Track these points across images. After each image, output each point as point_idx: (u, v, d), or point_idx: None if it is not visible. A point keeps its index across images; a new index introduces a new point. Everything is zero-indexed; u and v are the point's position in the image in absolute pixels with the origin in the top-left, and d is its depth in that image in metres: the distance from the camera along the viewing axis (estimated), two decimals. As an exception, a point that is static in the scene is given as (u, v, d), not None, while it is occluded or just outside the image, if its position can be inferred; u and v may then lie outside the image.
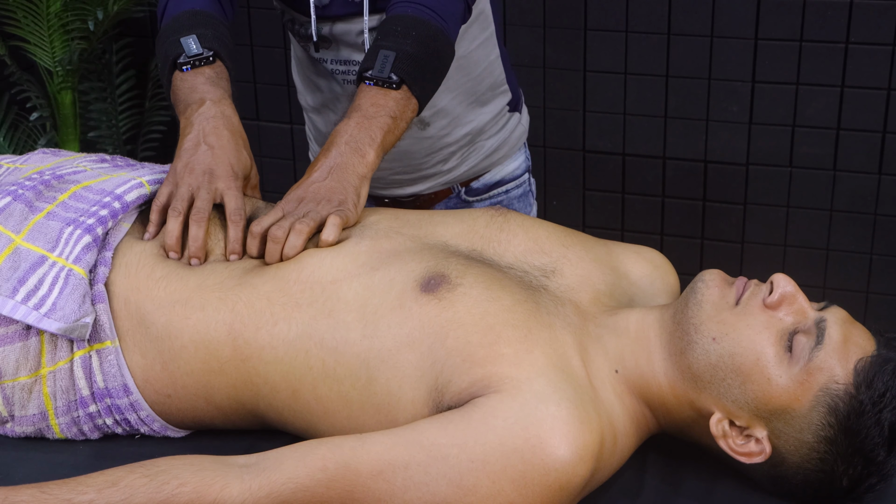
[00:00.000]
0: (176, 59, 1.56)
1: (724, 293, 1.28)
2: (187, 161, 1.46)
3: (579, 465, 1.18)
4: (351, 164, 1.46)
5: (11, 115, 3.27)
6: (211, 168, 1.45)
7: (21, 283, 1.35)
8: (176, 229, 1.41)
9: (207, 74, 1.56)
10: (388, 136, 1.49)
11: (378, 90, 1.51)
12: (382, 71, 1.50)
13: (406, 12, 1.57)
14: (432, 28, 1.56)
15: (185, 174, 1.45)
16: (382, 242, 1.40)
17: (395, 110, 1.50)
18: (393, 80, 1.50)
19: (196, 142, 1.48)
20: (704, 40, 2.84)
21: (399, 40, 1.53)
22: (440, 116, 1.85)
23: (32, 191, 1.45)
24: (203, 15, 1.62)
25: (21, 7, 2.97)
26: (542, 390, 1.20)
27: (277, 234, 1.39)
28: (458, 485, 1.18)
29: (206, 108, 1.51)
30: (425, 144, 1.86)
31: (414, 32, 1.54)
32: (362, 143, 1.46)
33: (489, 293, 1.29)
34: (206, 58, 1.56)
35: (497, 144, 1.93)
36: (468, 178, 1.94)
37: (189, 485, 1.19)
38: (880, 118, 2.77)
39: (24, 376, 1.36)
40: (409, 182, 1.92)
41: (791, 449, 1.24)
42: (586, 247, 1.44)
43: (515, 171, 1.97)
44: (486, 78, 1.88)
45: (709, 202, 2.99)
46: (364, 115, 1.49)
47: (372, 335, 1.29)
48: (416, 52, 1.53)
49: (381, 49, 1.52)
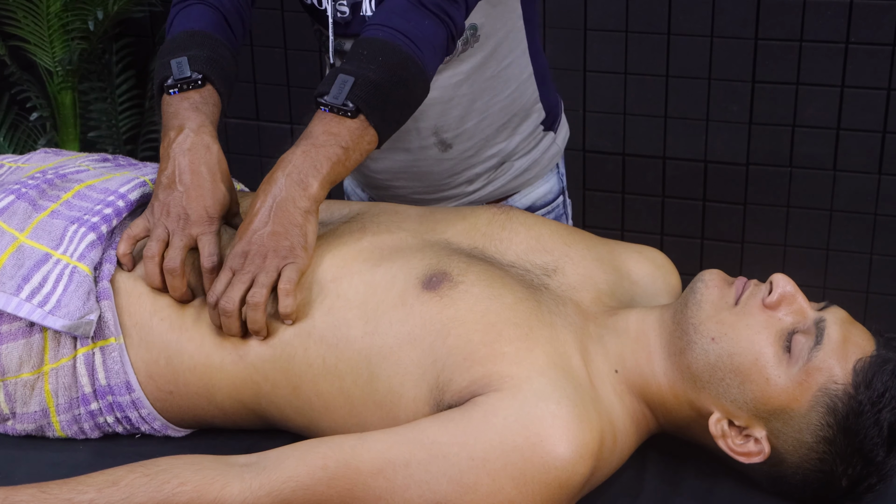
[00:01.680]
0: (163, 81, 1.47)
1: (724, 293, 1.28)
2: (164, 201, 1.40)
3: (579, 464, 1.18)
4: (292, 199, 1.35)
5: (11, 115, 3.27)
6: (186, 212, 1.38)
7: (25, 281, 1.35)
8: (156, 273, 1.37)
9: (192, 100, 1.46)
10: (336, 167, 1.37)
11: (332, 117, 1.38)
12: (338, 97, 1.38)
13: (376, 35, 1.44)
14: (401, 55, 1.42)
15: (162, 216, 1.39)
16: (384, 238, 1.40)
17: (347, 141, 1.38)
18: (348, 108, 1.38)
19: (171, 179, 1.40)
20: (704, 40, 2.84)
21: (362, 65, 1.40)
22: (464, 139, 1.75)
23: (36, 189, 1.45)
24: (200, 36, 1.53)
25: (21, 7, 2.97)
26: (543, 389, 1.20)
27: (227, 308, 1.31)
28: (458, 483, 1.18)
29: (183, 137, 1.42)
30: (447, 166, 1.78)
31: (381, 58, 1.41)
32: (305, 175, 1.35)
33: (491, 291, 1.29)
34: (193, 81, 1.46)
35: (527, 165, 1.83)
36: (495, 199, 1.83)
37: (189, 484, 1.19)
38: (880, 118, 2.77)
39: (27, 373, 1.37)
40: (431, 202, 1.82)
41: (790, 449, 1.24)
42: (588, 246, 1.44)
43: (547, 196, 1.87)
44: (517, 99, 1.78)
45: (709, 202, 2.99)
46: (313, 143, 1.37)
47: (373, 332, 1.29)
48: (379, 79, 1.40)
49: (340, 73, 1.39)
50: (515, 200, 1.84)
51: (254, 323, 1.31)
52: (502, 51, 1.72)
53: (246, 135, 3.42)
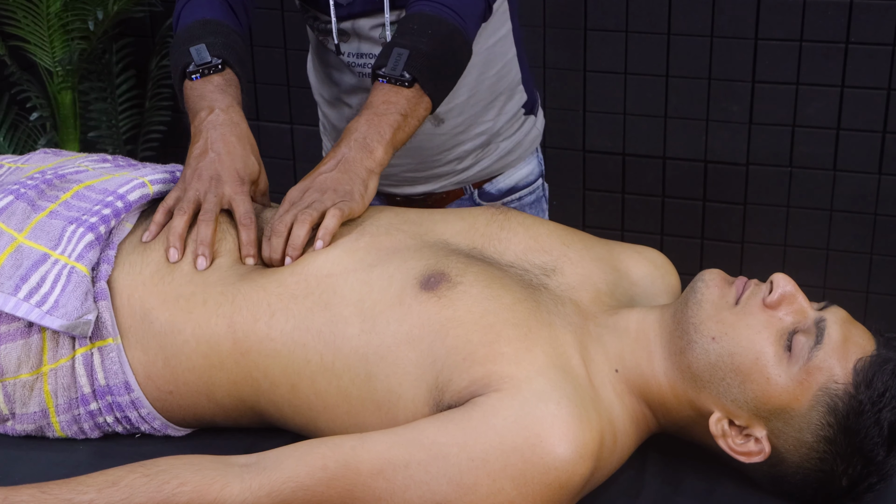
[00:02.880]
0: (185, 67, 1.56)
1: (724, 293, 1.28)
2: (195, 167, 1.47)
3: (579, 464, 1.18)
4: (359, 159, 1.46)
5: (11, 115, 3.27)
6: (218, 174, 1.46)
7: (23, 281, 1.35)
8: (180, 226, 1.41)
9: (216, 82, 1.55)
10: (397, 133, 1.50)
11: (390, 88, 1.52)
12: (395, 69, 1.51)
13: (423, 10, 1.57)
14: (449, 27, 1.57)
15: (193, 180, 1.46)
16: (382, 239, 1.40)
17: (405, 108, 1.51)
18: (405, 78, 1.51)
19: (203, 149, 1.48)
20: (704, 40, 2.85)
21: (414, 38, 1.54)
22: (455, 114, 1.84)
23: (35, 190, 1.45)
24: (213, 24, 1.62)
25: (21, 7, 2.97)
26: (542, 389, 1.20)
27: (279, 228, 1.39)
28: (458, 483, 1.18)
29: (214, 115, 1.51)
30: (439, 141, 1.86)
31: (430, 31, 1.55)
32: (371, 140, 1.48)
33: (489, 291, 1.29)
34: (214, 65, 1.56)
35: (511, 146, 1.93)
36: (481, 180, 1.93)
37: (189, 484, 1.19)
38: (880, 118, 2.77)
39: (26, 374, 1.36)
40: (421, 180, 1.91)
41: (790, 448, 1.24)
42: (587, 246, 1.44)
43: (528, 177, 1.97)
44: (503, 77, 1.87)
45: (709, 202, 2.99)
46: (375, 112, 1.50)
47: (370, 330, 1.29)
48: (431, 51, 1.54)
49: (395, 47, 1.53)
50: (500, 181, 1.94)
51: (295, 238, 1.38)
52: (490, 28, 1.80)
53: (251, 137, 3.42)
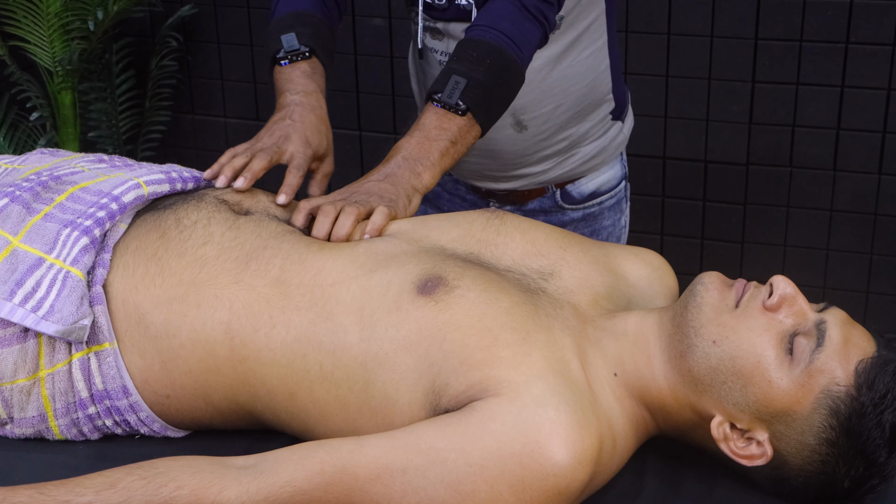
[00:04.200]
0: (275, 53, 1.68)
1: (724, 295, 1.27)
2: (269, 128, 1.60)
3: (578, 470, 1.17)
4: (406, 177, 1.52)
5: (11, 115, 3.27)
6: (288, 134, 1.57)
7: (19, 286, 1.34)
8: (238, 162, 1.52)
9: (303, 69, 1.66)
10: (444, 158, 1.55)
11: (444, 113, 1.56)
12: (451, 97, 1.56)
13: (484, 38, 1.60)
14: (507, 58, 1.60)
15: (265, 136, 1.58)
16: (379, 245, 1.40)
17: (456, 135, 1.56)
18: (460, 107, 1.55)
19: (281, 116, 1.61)
20: (704, 40, 2.84)
21: (472, 67, 1.57)
22: (539, 122, 1.85)
23: (30, 192, 1.45)
24: (305, 15, 1.73)
25: (21, 7, 2.97)
26: (541, 394, 1.20)
27: (328, 209, 1.45)
28: (455, 489, 1.17)
29: (299, 96, 1.62)
30: (521, 146, 1.87)
31: (488, 60, 1.58)
32: (419, 163, 1.53)
33: (487, 295, 1.29)
34: (302, 53, 1.67)
35: (595, 151, 1.93)
36: (563, 181, 1.94)
37: (187, 487, 1.19)
38: (880, 118, 2.77)
39: (23, 378, 1.36)
40: (502, 179, 1.94)
41: (792, 451, 1.24)
42: (584, 249, 1.43)
43: (610, 181, 1.97)
44: (593, 88, 1.88)
45: (709, 202, 2.99)
46: (426, 135, 1.55)
47: (369, 338, 1.28)
48: (487, 82, 1.57)
49: (453, 74, 1.57)
50: (581, 184, 1.95)
51: (342, 227, 1.42)
52: (584, 41, 1.82)
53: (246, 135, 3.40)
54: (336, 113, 3.34)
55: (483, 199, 1.99)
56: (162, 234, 1.41)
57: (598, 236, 1.99)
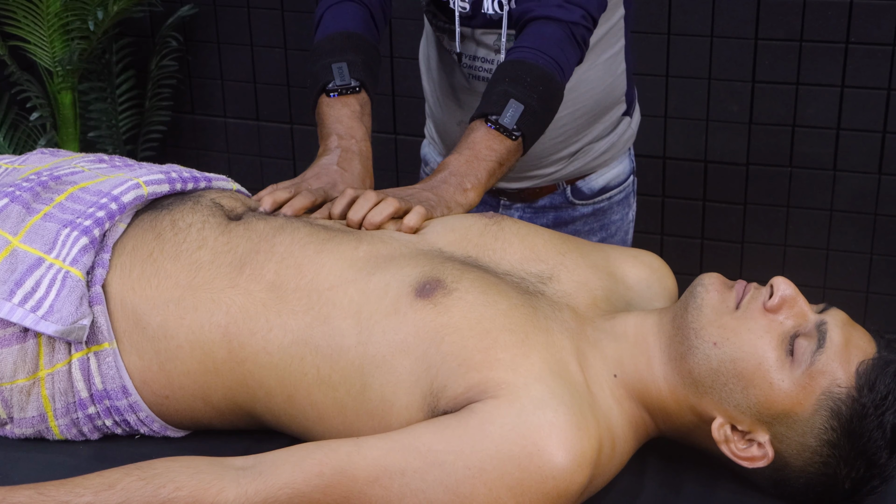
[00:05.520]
0: (326, 84, 1.66)
1: (724, 297, 1.27)
2: (317, 172, 1.58)
3: (577, 473, 1.17)
4: (451, 192, 1.53)
5: (11, 115, 3.27)
6: (335, 182, 1.56)
7: (18, 286, 1.34)
8: (281, 196, 1.49)
9: (353, 108, 1.65)
10: (490, 178, 1.57)
11: (496, 135, 1.57)
12: (508, 122, 1.58)
13: (536, 63, 1.61)
14: (555, 86, 1.62)
15: (311, 177, 1.57)
16: (379, 247, 1.39)
17: (504, 157, 1.58)
18: (514, 133, 1.57)
19: (332, 161, 1.59)
20: (704, 40, 2.84)
21: (527, 93, 1.59)
22: (556, 126, 1.86)
23: (30, 192, 1.45)
24: (356, 38, 1.70)
25: (21, 7, 2.97)
26: (540, 396, 1.20)
27: (370, 195, 1.46)
28: (454, 492, 1.17)
29: (350, 143, 1.61)
30: (537, 150, 1.88)
31: (541, 88, 1.60)
32: (467, 181, 1.54)
33: (485, 297, 1.28)
34: (353, 88, 1.65)
35: (606, 147, 1.95)
36: (573, 178, 1.96)
37: (185, 489, 1.19)
38: (880, 118, 2.77)
39: (22, 379, 1.36)
40: (515, 179, 1.95)
41: (794, 453, 1.24)
42: (583, 252, 1.43)
43: (620, 176, 1.99)
44: (610, 92, 1.90)
45: (709, 202, 2.99)
46: (476, 154, 1.56)
47: (367, 341, 1.28)
48: (539, 109, 1.60)
49: (511, 98, 1.58)
50: (591, 180, 1.96)
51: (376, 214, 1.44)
52: (602, 45, 1.84)
53: (246, 135, 3.42)
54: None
55: (494, 198, 2.00)
56: (157, 235, 1.41)
57: (606, 231, 2.00)
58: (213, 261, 1.38)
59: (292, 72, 3.28)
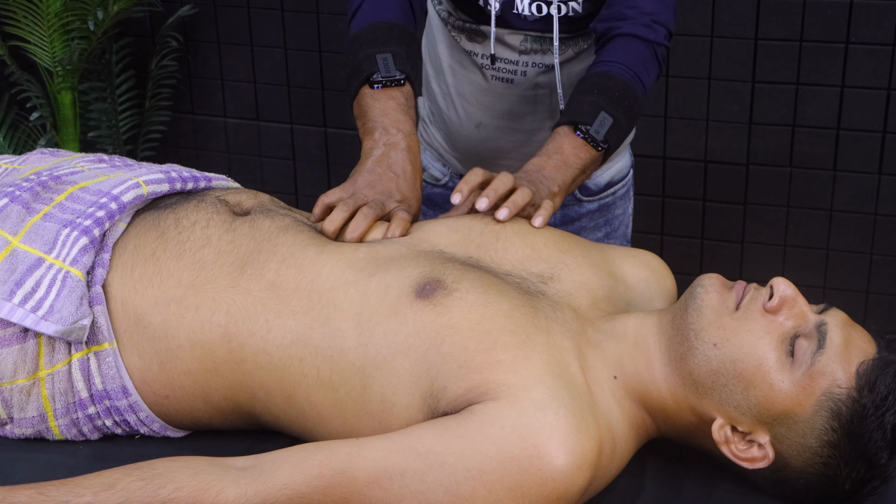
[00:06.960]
0: (370, 74, 1.61)
1: (724, 298, 1.27)
2: (370, 180, 1.53)
3: (577, 474, 1.17)
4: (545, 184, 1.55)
5: (11, 115, 3.27)
6: (391, 192, 1.53)
7: (18, 286, 1.34)
8: (339, 218, 1.45)
9: (398, 100, 1.60)
10: (574, 184, 1.60)
11: (583, 144, 1.60)
12: (598, 133, 1.60)
13: (624, 78, 1.65)
14: (639, 104, 1.66)
15: (366, 189, 1.52)
16: (379, 249, 1.39)
17: (587, 165, 1.61)
18: (602, 145, 1.60)
19: (384, 164, 1.55)
20: (704, 40, 2.84)
21: (616, 107, 1.62)
22: None
23: (30, 192, 1.45)
24: (398, 29, 1.66)
25: (21, 7, 2.97)
26: (541, 398, 1.19)
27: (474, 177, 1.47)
28: (454, 494, 1.17)
29: (398, 138, 1.57)
30: None
31: (627, 103, 1.63)
32: (554, 182, 1.56)
33: (486, 298, 1.28)
34: (398, 80, 1.61)
35: None
36: None
37: (185, 489, 1.19)
38: (880, 118, 2.77)
39: (22, 379, 1.36)
40: None
41: (794, 454, 1.24)
42: (583, 252, 1.43)
43: (622, 170, 2.01)
44: None
45: (709, 202, 2.99)
46: (564, 160, 1.58)
47: (367, 343, 1.28)
48: (625, 124, 1.64)
49: (602, 110, 1.61)
50: (597, 175, 1.97)
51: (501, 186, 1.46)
52: None
53: (246, 135, 3.42)
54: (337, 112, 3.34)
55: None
56: (161, 233, 1.41)
57: (610, 225, 2.01)
58: (216, 260, 1.38)
59: (292, 72, 3.27)
